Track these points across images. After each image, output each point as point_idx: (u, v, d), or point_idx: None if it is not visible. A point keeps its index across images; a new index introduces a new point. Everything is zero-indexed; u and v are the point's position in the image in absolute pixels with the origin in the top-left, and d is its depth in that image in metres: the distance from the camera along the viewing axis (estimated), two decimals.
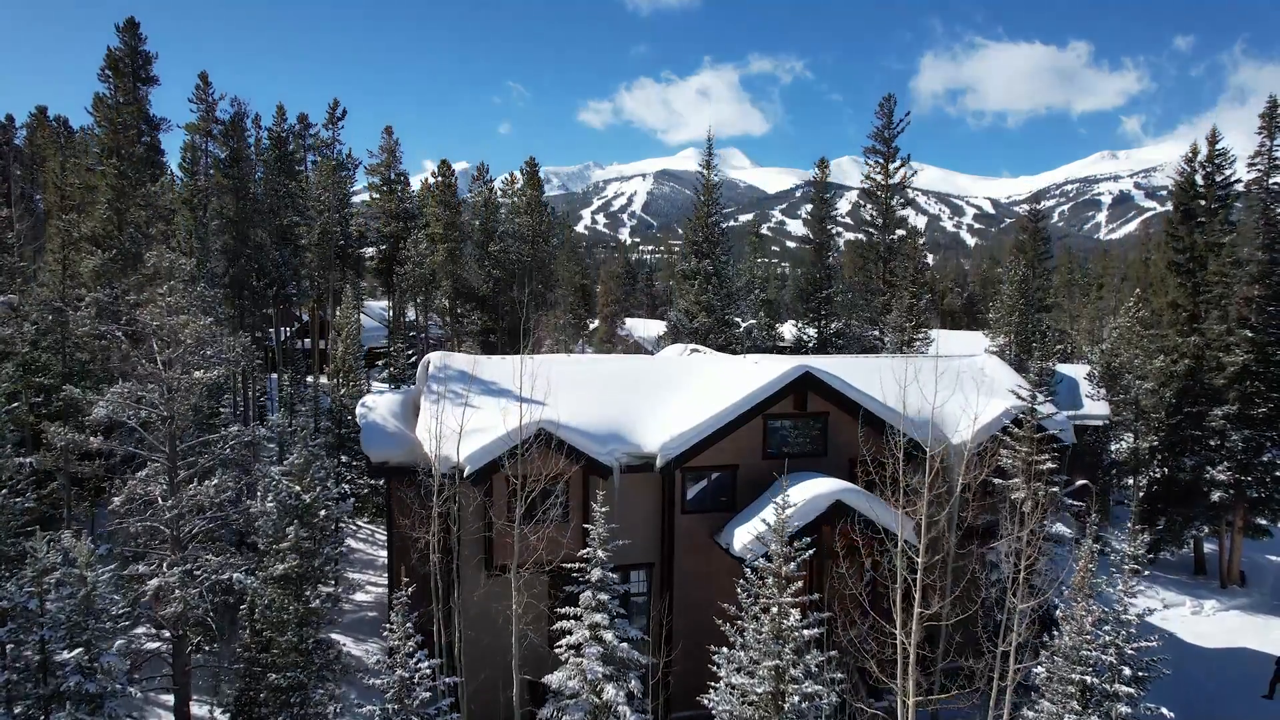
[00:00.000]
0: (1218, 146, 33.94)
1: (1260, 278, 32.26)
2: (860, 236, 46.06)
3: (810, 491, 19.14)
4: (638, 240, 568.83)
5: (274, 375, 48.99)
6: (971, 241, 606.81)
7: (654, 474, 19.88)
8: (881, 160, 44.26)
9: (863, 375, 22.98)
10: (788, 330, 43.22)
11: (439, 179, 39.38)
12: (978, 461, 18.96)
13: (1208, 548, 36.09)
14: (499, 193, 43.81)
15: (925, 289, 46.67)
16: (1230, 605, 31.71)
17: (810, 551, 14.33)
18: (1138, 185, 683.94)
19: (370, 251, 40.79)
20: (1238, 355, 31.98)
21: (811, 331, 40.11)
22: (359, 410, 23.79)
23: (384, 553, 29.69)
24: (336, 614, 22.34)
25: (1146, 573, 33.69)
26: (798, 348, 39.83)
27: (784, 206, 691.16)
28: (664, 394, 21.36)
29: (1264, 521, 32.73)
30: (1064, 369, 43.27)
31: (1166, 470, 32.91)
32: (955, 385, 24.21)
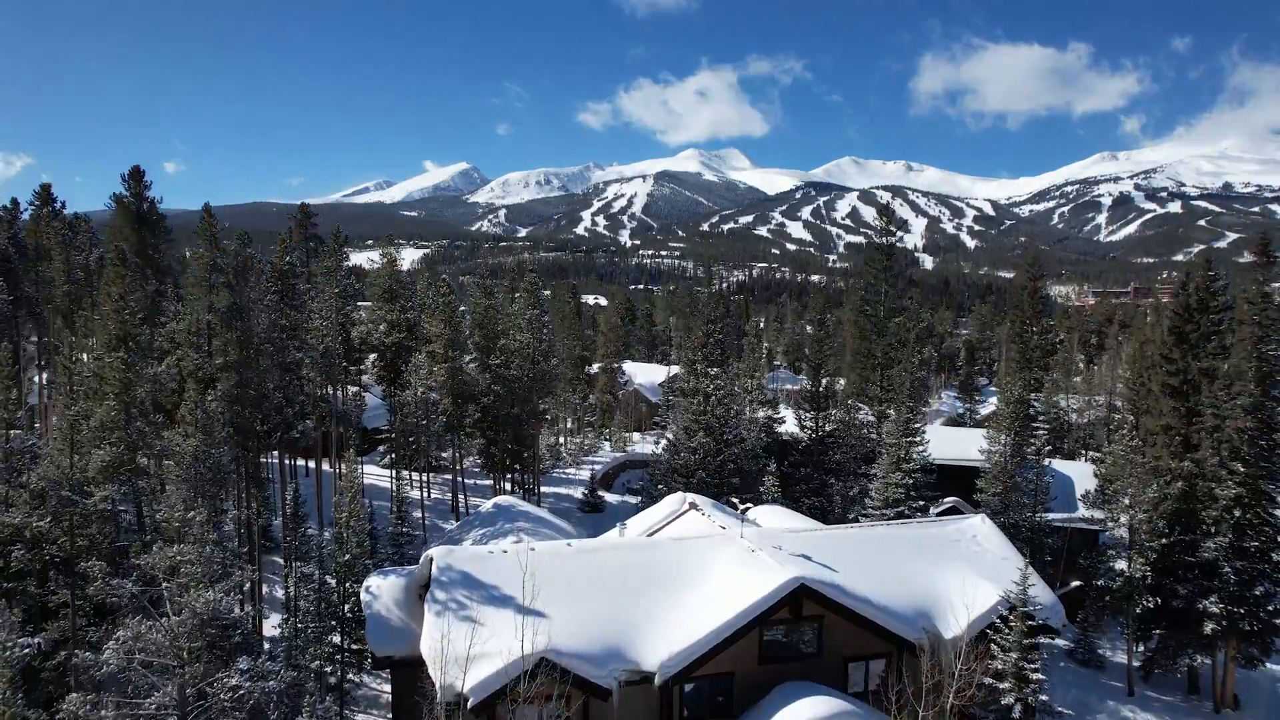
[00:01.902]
0: (1210, 273, 34.38)
1: (1252, 410, 32.57)
2: (859, 239, 46.89)
3: (804, 715, 19.60)
4: (638, 243, 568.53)
5: (274, 454, 49.44)
6: (971, 244, 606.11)
7: (653, 686, 20.33)
8: (883, 256, 44.72)
9: (857, 555, 23.52)
10: (786, 428, 43.71)
11: (442, 298, 39.97)
12: (968, 672, 19.41)
13: (1202, 662, 36.40)
14: (499, 297, 44.49)
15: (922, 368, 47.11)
16: None
17: None
18: (1138, 187, 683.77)
19: (372, 357, 41.35)
20: (1230, 487, 32.33)
21: (806, 436, 40.83)
22: (364, 597, 24.38)
23: (388, 687, 30.23)
24: None
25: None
26: (800, 461, 40.41)
27: (784, 209, 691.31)
28: (663, 594, 21.75)
29: (1256, 653, 33.07)
30: (1060, 467, 43.72)
31: (1160, 599, 33.26)
32: (948, 557, 24.80)
